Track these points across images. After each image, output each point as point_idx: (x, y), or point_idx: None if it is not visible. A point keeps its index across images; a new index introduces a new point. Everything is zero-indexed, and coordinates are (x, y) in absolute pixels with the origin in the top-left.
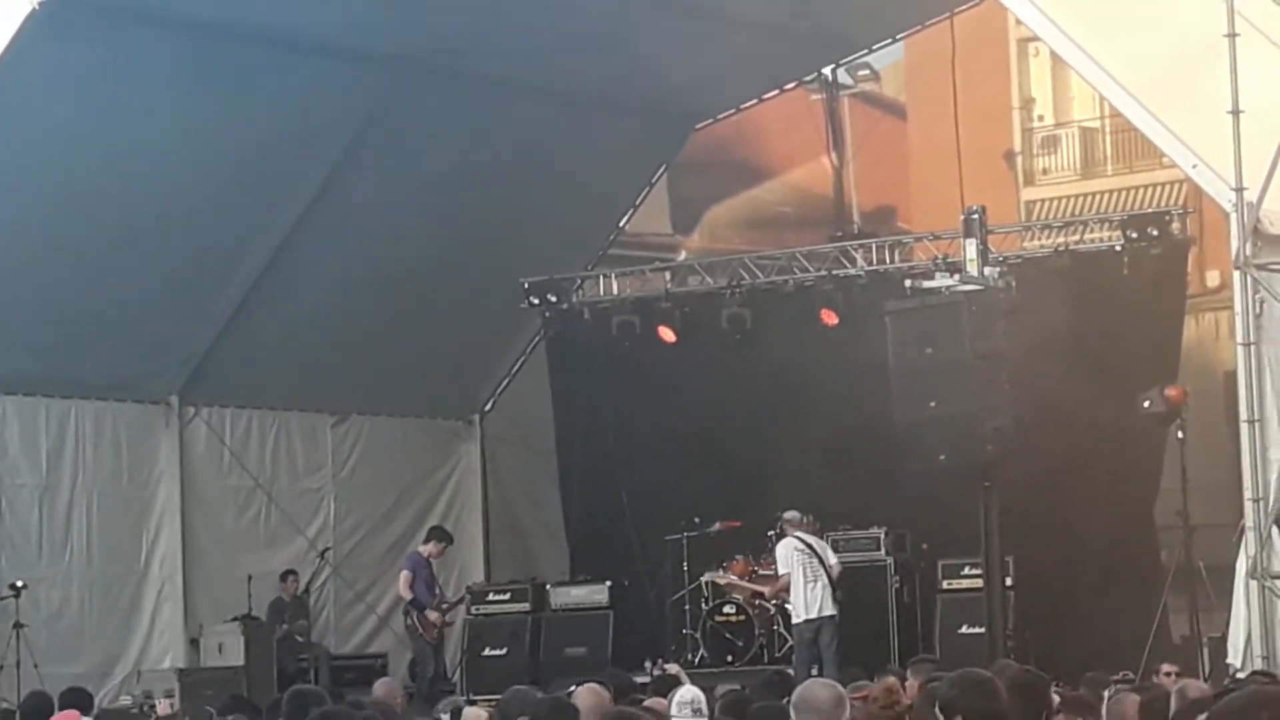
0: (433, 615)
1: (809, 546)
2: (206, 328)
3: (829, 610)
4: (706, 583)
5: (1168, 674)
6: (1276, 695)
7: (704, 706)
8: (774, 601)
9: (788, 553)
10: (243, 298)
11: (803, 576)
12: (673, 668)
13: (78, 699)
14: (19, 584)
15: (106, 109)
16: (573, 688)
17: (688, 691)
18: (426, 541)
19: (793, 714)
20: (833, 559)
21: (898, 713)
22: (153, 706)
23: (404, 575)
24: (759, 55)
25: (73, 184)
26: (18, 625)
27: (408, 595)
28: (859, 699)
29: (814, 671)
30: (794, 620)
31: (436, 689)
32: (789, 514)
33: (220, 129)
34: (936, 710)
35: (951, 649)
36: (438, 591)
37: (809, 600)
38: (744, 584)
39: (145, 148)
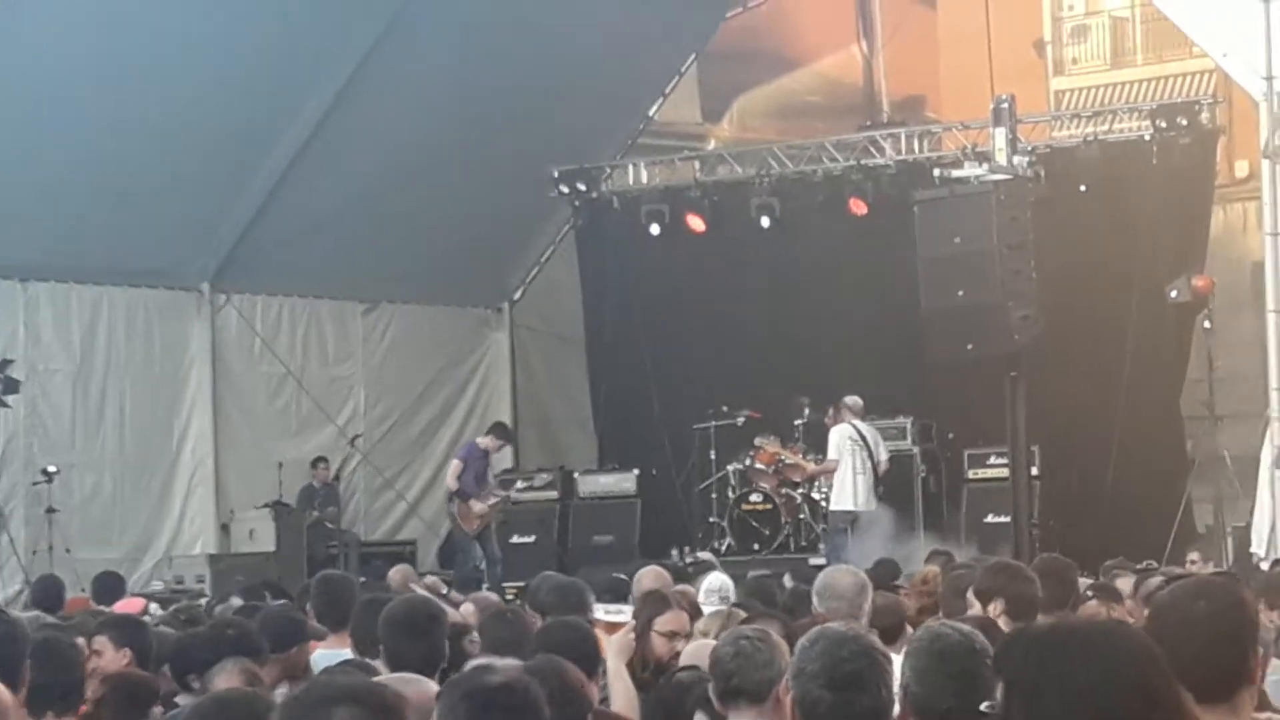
0: (477, 506)
1: (862, 437)
2: (238, 215)
3: (870, 506)
4: (755, 448)
5: (1193, 562)
6: (1218, 585)
7: (731, 594)
8: (800, 491)
9: (841, 439)
10: (273, 186)
11: (851, 467)
12: (705, 555)
13: (110, 583)
14: (51, 469)
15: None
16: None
17: (716, 578)
18: (486, 434)
19: (815, 600)
20: (884, 455)
21: (933, 601)
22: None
23: (454, 464)
24: None
25: (102, 70)
26: (50, 510)
27: (453, 485)
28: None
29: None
30: (833, 507)
31: (471, 577)
32: (851, 399)
33: (252, 13)
34: (970, 596)
35: (978, 537)
36: (491, 483)
37: (855, 491)
38: (783, 452)
39: (175, 33)
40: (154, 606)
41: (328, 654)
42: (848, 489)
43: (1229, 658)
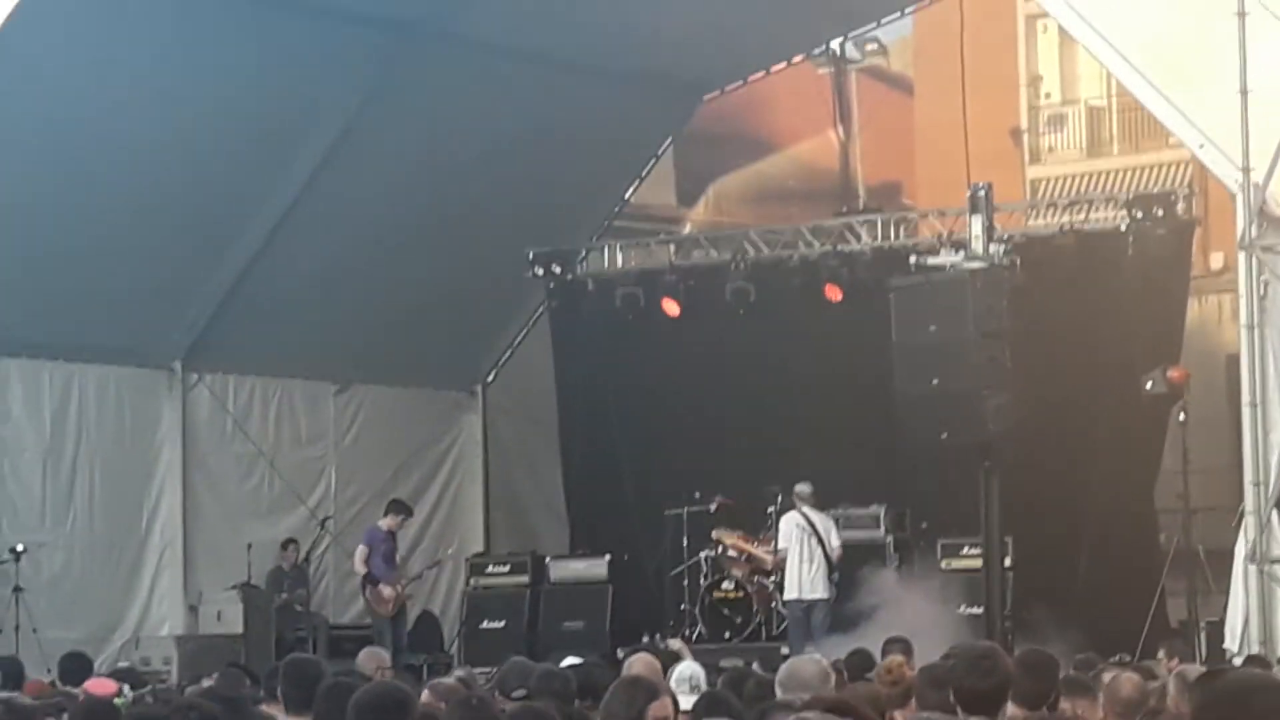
0: (385, 591)
1: (811, 525)
2: (210, 295)
3: (820, 593)
4: (715, 543)
5: (1161, 659)
6: (1268, 681)
7: (702, 683)
8: (772, 579)
9: (789, 528)
10: (247, 265)
11: (799, 555)
12: (675, 643)
13: (77, 664)
14: (19, 548)
15: (110, 72)
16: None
17: (687, 667)
18: (385, 514)
19: (778, 690)
20: (835, 541)
21: (902, 690)
22: None
23: (359, 550)
24: (767, 27)
25: (77, 148)
26: (17, 589)
27: (361, 570)
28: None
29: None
30: (785, 596)
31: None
32: (801, 486)
33: (225, 94)
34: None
35: (951, 629)
36: (399, 564)
37: (801, 580)
38: (747, 546)
39: (150, 113)
40: (126, 688)
41: None
42: (794, 577)
43: None
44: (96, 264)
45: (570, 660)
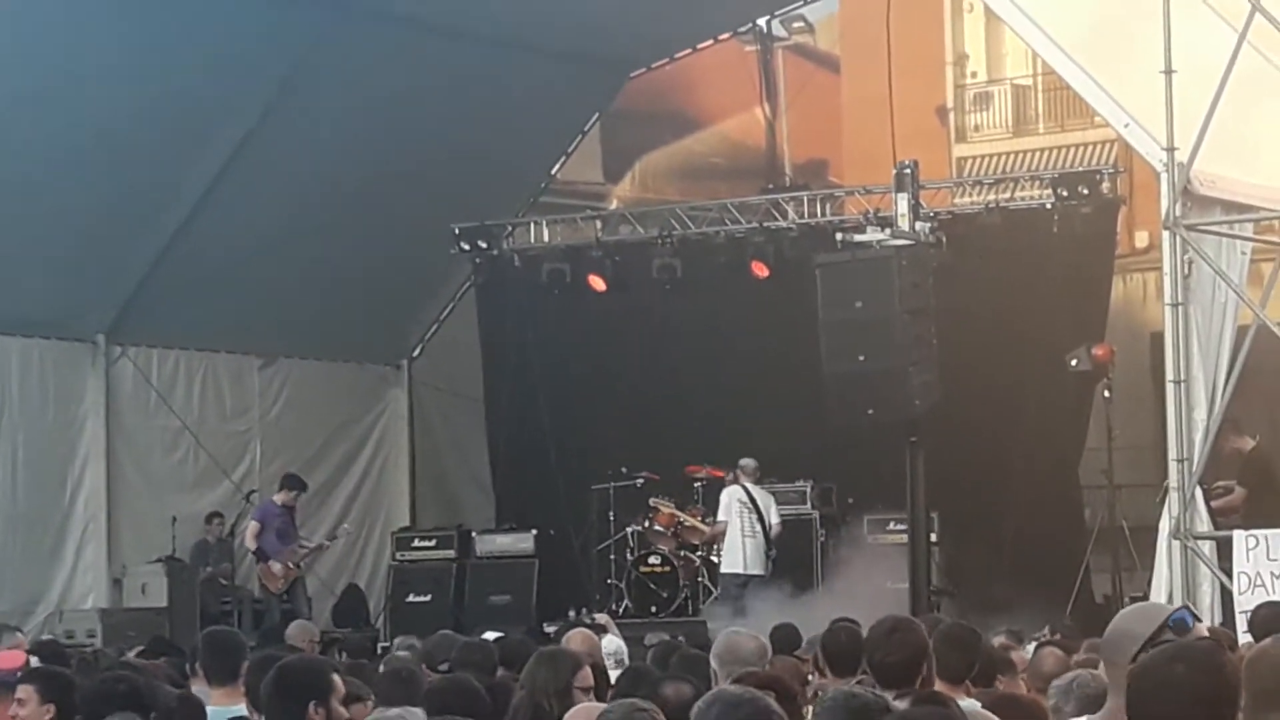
0: (275, 567)
1: (752, 500)
2: (134, 267)
3: (757, 569)
4: (651, 509)
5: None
6: (1198, 648)
7: (626, 658)
8: (699, 554)
9: (730, 502)
10: (170, 238)
11: (740, 530)
12: (602, 617)
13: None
14: None
15: (33, 44)
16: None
17: (611, 642)
18: (279, 489)
19: (714, 664)
20: (775, 519)
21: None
22: None
23: (250, 526)
24: (695, 5)
25: None
26: None
27: (251, 546)
28: None
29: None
30: (722, 570)
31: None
32: (745, 461)
33: (147, 67)
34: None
35: (878, 604)
36: (299, 538)
37: (746, 555)
38: (682, 514)
39: (72, 84)
40: (35, 660)
41: (218, 710)
42: (736, 551)
43: (1201, 717)
44: (18, 237)
45: (491, 634)
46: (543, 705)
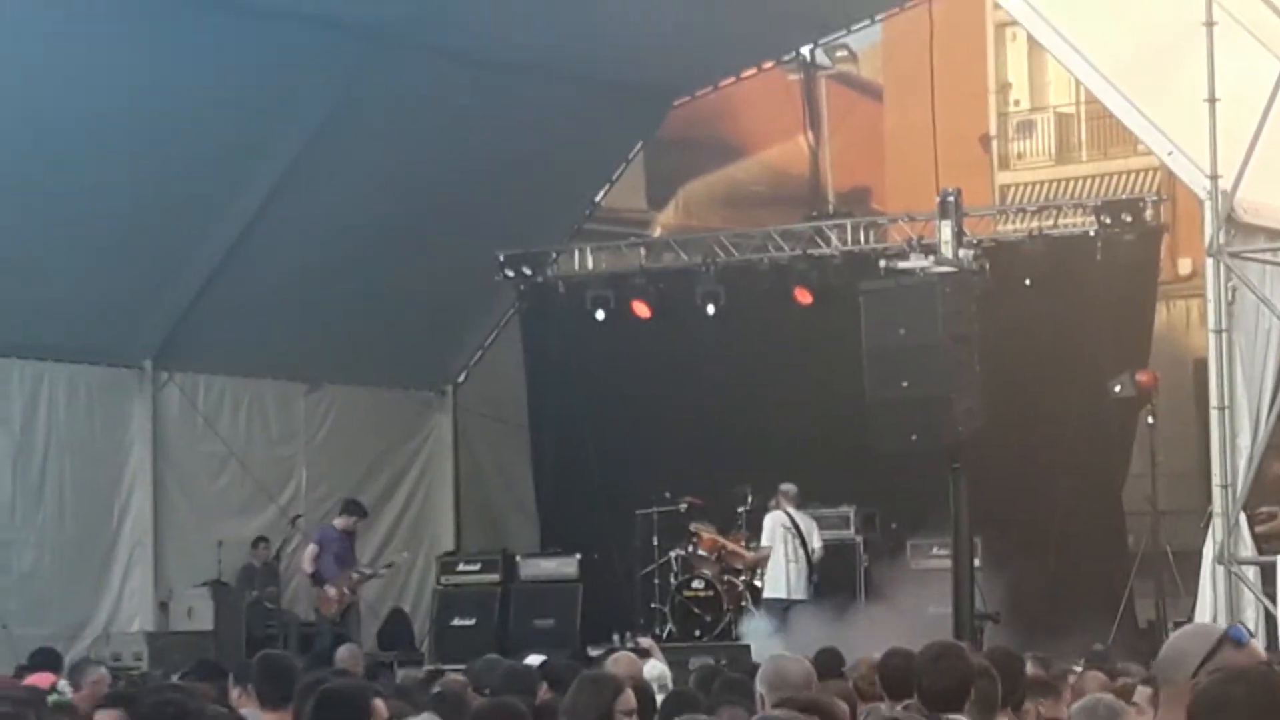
0: (330, 591)
1: (795, 525)
2: (181, 294)
3: (800, 595)
4: (690, 535)
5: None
6: (1257, 671)
7: (670, 682)
8: (742, 578)
9: (774, 527)
10: (217, 264)
11: (784, 555)
12: (646, 641)
13: (47, 659)
14: None
15: (80, 72)
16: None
17: (654, 667)
18: (340, 514)
19: (761, 688)
20: (817, 543)
21: (877, 693)
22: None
23: (309, 549)
24: (738, 33)
25: (48, 148)
26: None
27: (309, 569)
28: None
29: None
30: (765, 594)
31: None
32: (786, 486)
33: (195, 94)
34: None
35: (920, 629)
36: (357, 563)
37: (789, 580)
38: (723, 541)
39: (120, 112)
40: (63, 682)
41: None
42: (779, 576)
43: None
44: (65, 262)
45: (534, 658)
46: None
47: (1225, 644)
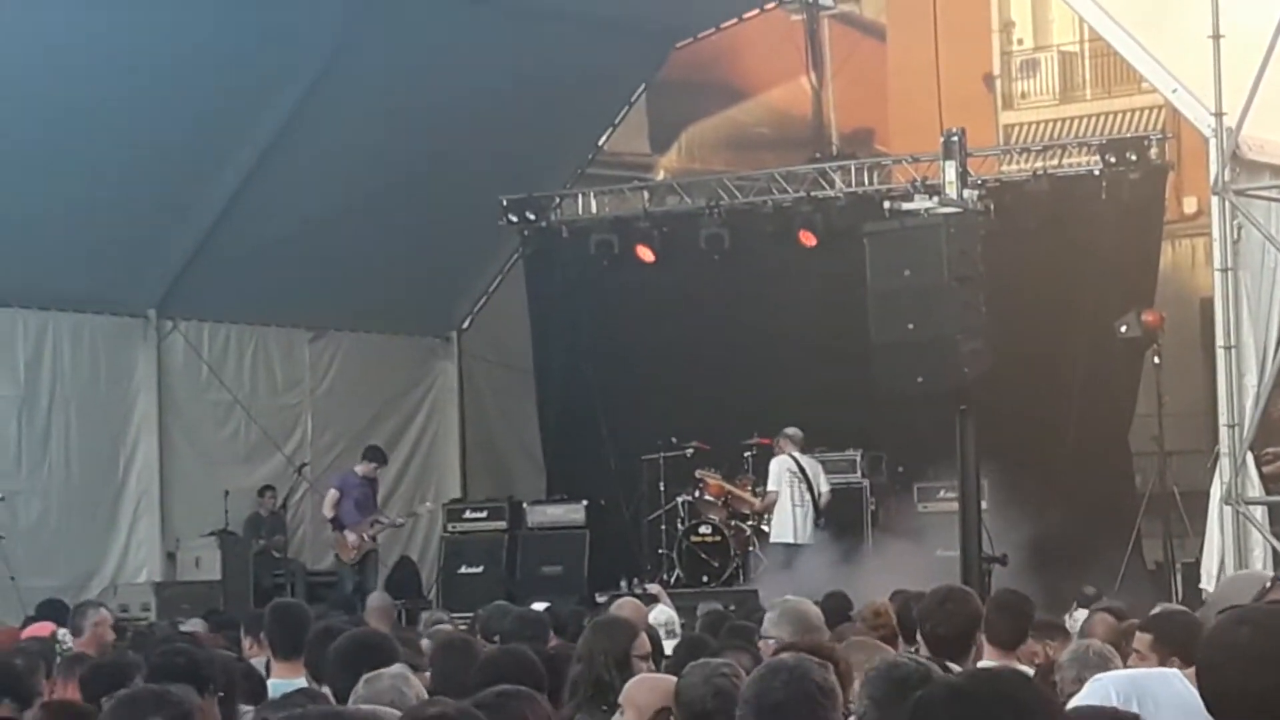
0: (350, 537)
1: (801, 469)
2: (184, 242)
3: (807, 539)
4: (696, 482)
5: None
6: (1263, 611)
7: (677, 628)
8: (749, 523)
9: (780, 471)
10: (221, 212)
11: (790, 499)
12: (654, 588)
13: (54, 610)
14: None
15: (81, 20)
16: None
17: (662, 613)
18: (361, 460)
19: (778, 630)
20: (825, 487)
21: (885, 635)
22: None
23: (330, 495)
24: None
25: (50, 98)
26: None
27: (329, 514)
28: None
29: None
30: (772, 539)
31: (344, 605)
32: (790, 430)
33: (198, 40)
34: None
35: (929, 572)
36: (378, 510)
37: (796, 525)
38: (729, 486)
39: (121, 58)
40: (64, 631)
41: (280, 683)
42: (786, 521)
43: (1271, 681)
44: (68, 213)
45: (539, 605)
46: (603, 676)
47: (1276, 587)
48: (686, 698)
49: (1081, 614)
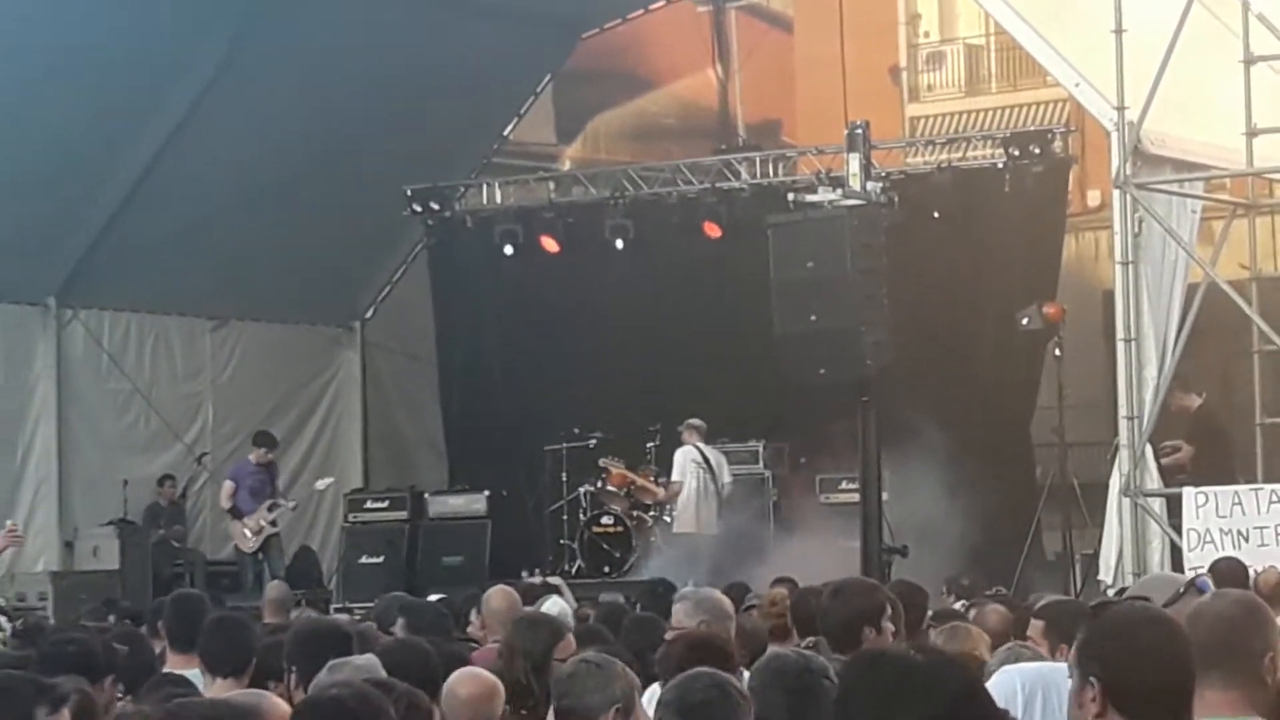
0: (247, 525)
1: (705, 460)
2: (84, 230)
3: (711, 530)
4: (600, 470)
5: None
6: (1154, 611)
7: (571, 620)
8: (652, 513)
9: (684, 462)
10: (121, 200)
11: (695, 490)
12: (555, 580)
13: None
14: None
15: None
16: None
17: (555, 604)
18: (253, 447)
19: (685, 611)
20: (727, 477)
21: (782, 623)
22: None
23: (225, 486)
24: None
25: None
26: None
27: (226, 505)
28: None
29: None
30: (675, 529)
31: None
32: (694, 420)
33: (97, 28)
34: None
35: (830, 563)
36: (276, 494)
37: (700, 515)
38: (633, 476)
39: (17, 48)
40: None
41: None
42: (690, 511)
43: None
44: None
45: (434, 596)
46: (520, 680)
47: (1190, 593)
48: (553, 678)
49: (958, 604)
